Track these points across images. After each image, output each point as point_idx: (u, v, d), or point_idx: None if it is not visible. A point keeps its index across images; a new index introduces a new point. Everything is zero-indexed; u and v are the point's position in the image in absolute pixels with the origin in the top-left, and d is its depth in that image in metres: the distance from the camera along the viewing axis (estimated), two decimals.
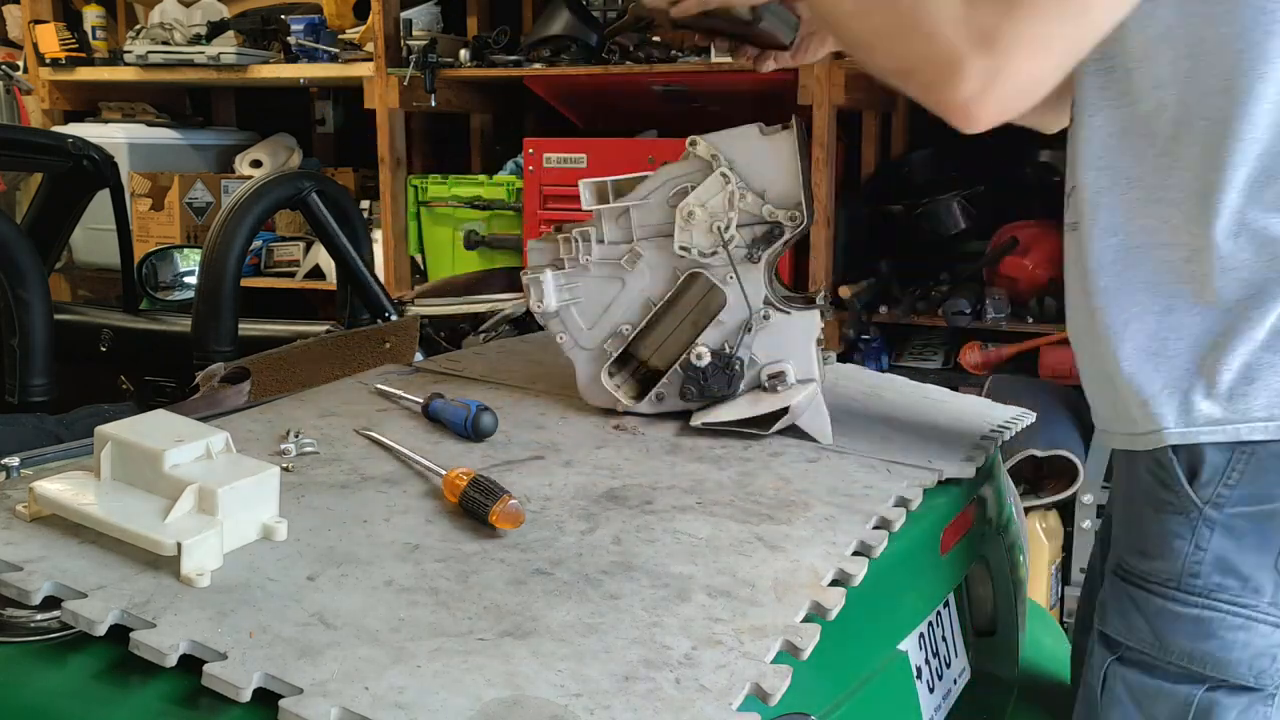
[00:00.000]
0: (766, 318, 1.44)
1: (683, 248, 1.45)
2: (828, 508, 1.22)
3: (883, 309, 3.49)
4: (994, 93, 1.08)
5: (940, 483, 1.36)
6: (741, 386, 1.45)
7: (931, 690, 1.38)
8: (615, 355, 1.50)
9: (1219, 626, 1.16)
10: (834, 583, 1.06)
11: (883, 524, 1.20)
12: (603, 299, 1.50)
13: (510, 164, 4.08)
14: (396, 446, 1.32)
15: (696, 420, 1.45)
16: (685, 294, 1.48)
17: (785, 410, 1.42)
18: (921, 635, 1.38)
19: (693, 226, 1.43)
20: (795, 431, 1.45)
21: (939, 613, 1.45)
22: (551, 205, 3.61)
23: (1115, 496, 1.32)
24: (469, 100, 4.15)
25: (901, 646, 1.30)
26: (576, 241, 1.49)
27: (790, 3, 1.43)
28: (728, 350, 1.45)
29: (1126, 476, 1.26)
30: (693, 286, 1.47)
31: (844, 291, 3.49)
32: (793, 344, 1.45)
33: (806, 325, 1.45)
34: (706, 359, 1.45)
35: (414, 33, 3.89)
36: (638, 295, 1.49)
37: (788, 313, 1.44)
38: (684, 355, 1.46)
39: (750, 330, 1.44)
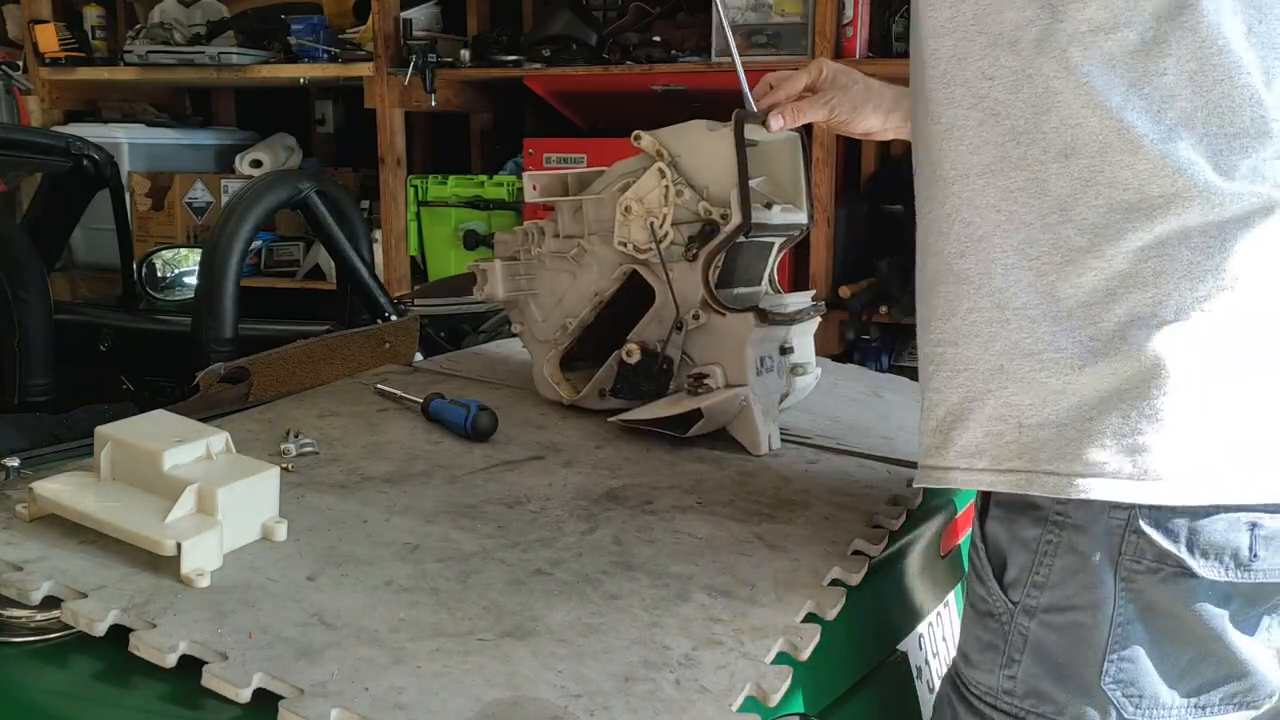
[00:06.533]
0: (697, 318, 1.38)
1: (621, 242, 1.42)
2: (828, 508, 1.22)
3: (883, 309, 3.49)
4: None
5: None
6: (672, 386, 1.41)
7: (931, 690, 1.38)
8: (562, 348, 1.48)
9: None
10: (834, 583, 1.06)
11: (882, 524, 1.20)
12: (556, 291, 1.49)
13: (510, 164, 4.08)
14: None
15: (614, 419, 1.42)
16: (626, 290, 1.45)
17: (699, 413, 1.36)
18: (921, 635, 1.37)
19: (630, 221, 1.40)
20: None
21: (939, 613, 1.45)
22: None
23: None
24: (469, 100, 4.15)
25: (901, 646, 1.30)
26: (532, 234, 1.48)
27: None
28: (658, 349, 1.41)
29: None
30: (634, 282, 1.44)
31: (844, 291, 3.49)
32: (726, 347, 1.38)
33: (741, 329, 1.37)
34: (636, 356, 1.41)
35: (414, 33, 3.89)
36: (586, 289, 1.47)
37: (723, 314, 1.38)
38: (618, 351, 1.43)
39: (680, 329, 1.39)
